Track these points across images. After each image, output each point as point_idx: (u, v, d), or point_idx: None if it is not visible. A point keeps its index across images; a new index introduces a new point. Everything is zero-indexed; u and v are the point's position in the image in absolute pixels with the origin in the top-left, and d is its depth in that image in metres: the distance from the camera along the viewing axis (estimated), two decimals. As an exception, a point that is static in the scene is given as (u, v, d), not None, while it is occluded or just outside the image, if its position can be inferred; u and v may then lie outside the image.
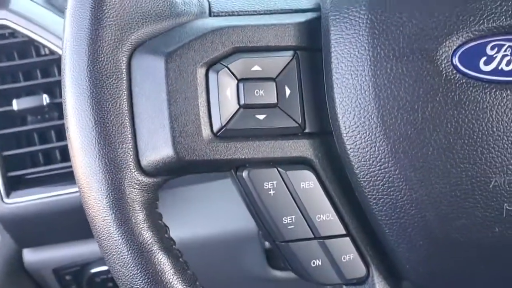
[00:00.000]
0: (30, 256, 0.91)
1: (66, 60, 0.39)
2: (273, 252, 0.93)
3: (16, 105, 0.79)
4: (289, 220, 0.41)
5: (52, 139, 0.84)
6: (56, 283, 0.96)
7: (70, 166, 0.82)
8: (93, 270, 0.92)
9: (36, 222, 0.84)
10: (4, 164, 0.81)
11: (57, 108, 0.82)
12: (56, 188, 0.83)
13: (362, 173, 0.39)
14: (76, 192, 0.83)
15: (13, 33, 0.81)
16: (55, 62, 0.82)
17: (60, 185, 0.83)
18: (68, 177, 0.84)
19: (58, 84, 0.82)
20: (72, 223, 0.86)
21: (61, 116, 0.83)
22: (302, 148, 0.41)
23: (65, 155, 0.85)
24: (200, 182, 0.88)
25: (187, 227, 0.87)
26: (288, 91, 0.40)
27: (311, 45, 0.41)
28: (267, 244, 0.88)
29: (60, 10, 0.81)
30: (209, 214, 0.89)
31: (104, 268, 0.92)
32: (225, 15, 0.42)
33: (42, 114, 0.82)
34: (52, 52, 0.81)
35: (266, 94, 0.39)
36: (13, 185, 0.82)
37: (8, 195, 0.81)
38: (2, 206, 0.82)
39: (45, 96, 0.79)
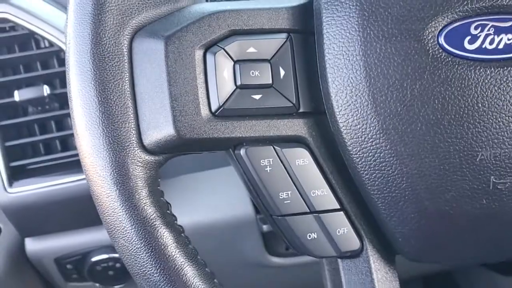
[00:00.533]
0: (32, 245, 0.93)
1: (70, 43, 0.40)
2: (270, 238, 0.95)
3: (18, 96, 0.80)
4: (285, 195, 0.42)
5: (52, 130, 0.86)
6: (58, 272, 0.97)
7: (70, 156, 0.84)
8: (94, 259, 0.94)
9: (38, 211, 0.86)
10: (7, 154, 0.83)
11: (57, 99, 0.84)
12: (57, 177, 0.84)
13: (355, 149, 0.41)
14: (76, 181, 0.85)
15: (14, 27, 0.83)
16: (55, 54, 0.84)
17: (61, 175, 0.85)
18: (68, 167, 0.85)
19: (58, 75, 0.84)
20: (73, 212, 0.88)
21: (61, 106, 0.85)
22: (296, 127, 0.42)
23: (65, 145, 0.87)
24: (197, 171, 0.90)
25: (185, 214, 0.88)
26: (282, 72, 0.42)
27: (304, 28, 0.42)
28: (265, 228, 0.90)
29: (58, 3, 0.83)
30: (206, 202, 0.90)
31: (105, 256, 0.93)
32: (221, 0, 0.44)
33: (42, 105, 0.83)
34: (51, 45, 0.82)
35: (261, 74, 0.41)
36: (15, 175, 0.84)
37: (10, 184, 0.83)
38: (5, 196, 0.83)
39: (45, 87, 0.81)
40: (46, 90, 0.81)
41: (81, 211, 0.87)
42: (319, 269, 0.52)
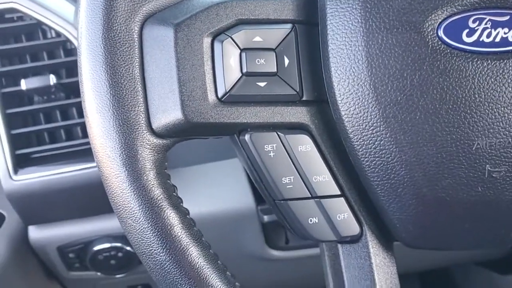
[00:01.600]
0: (35, 233, 0.94)
1: (82, 28, 0.41)
2: (270, 231, 0.96)
3: (24, 84, 0.81)
4: (288, 180, 0.44)
5: (57, 119, 0.87)
6: (60, 260, 0.98)
7: (75, 145, 0.85)
8: (96, 248, 0.94)
9: (41, 199, 0.87)
10: (12, 142, 0.84)
11: (63, 89, 0.85)
12: (61, 166, 0.86)
13: (356, 137, 0.42)
14: (80, 170, 0.86)
15: (21, 17, 0.84)
16: (61, 44, 0.85)
17: (65, 164, 0.86)
18: (73, 156, 0.86)
19: (64, 65, 0.85)
20: (77, 200, 0.89)
21: (67, 96, 0.86)
22: (299, 114, 0.44)
23: (69, 134, 0.88)
24: (198, 163, 0.91)
25: (186, 205, 0.89)
26: (287, 61, 0.43)
27: (309, 19, 0.43)
28: (266, 218, 0.91)
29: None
30: (207, 193, 0.91)
31: (107, 245, 0.94)
32: None
33: (48, 94, 0.85)
34: (58, 35, 0.84)
35: (267, 63, 0.42)
36: (20, 163, 0.85)
37: (16, 172, 0.84)
38: (10, 183, 0.84)
39: (52, 76, 0.82)
40: (52, 79, 0.82)
41: (84, 200, 0.88)
42: (318, 262, 0.53)
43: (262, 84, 0.43)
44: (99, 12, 0.41)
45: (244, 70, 0.42)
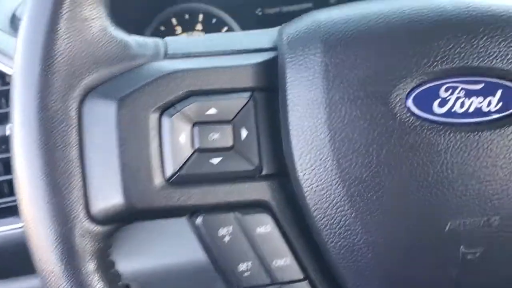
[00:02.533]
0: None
1: (15, 109, 0.37)
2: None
3: None
4: (245, 267, 0.40)
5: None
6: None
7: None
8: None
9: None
10: None
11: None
12: (5, 221, 0.81)
13: (319, 216, 0.39)
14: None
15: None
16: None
17: (9, 219, 0.81)
18: (17, 211, 0.81)
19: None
20: (22, 257, 0.83)
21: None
22: (259, 190, 0.40)
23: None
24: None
25: (155, 257, 0.86)
26: (244, 133, 0.40)
27: (268, 85, 0.41)
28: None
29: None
30: (177, 243, 0.87)
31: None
32: (181, 57, 0.41)
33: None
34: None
35: (222, 137, 0.39)
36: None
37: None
38: None
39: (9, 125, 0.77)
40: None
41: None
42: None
43: (216, 160, 0.39)
44: (32, 90, 0.37)
45: (196, 146, 0.39)
